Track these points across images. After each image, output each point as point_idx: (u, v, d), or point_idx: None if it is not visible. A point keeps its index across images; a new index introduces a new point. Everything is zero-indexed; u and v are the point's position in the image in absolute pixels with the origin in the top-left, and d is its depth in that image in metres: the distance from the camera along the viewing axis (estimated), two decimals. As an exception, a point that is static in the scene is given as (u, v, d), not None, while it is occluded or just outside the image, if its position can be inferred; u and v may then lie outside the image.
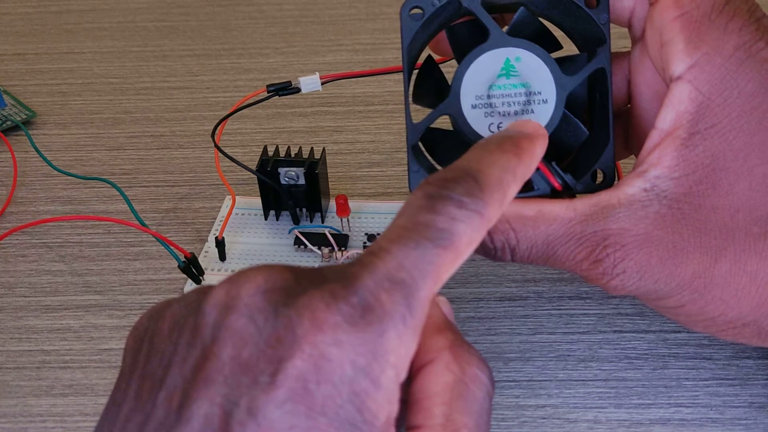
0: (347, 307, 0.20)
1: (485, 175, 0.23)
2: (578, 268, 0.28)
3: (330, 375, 0.19)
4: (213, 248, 0.39)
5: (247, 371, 0.19)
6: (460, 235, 0.21)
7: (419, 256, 0.21)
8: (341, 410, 0.19)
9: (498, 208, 0.23)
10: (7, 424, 0.33)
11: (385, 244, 0.21)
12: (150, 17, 0.60)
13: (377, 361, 0.19)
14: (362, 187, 0.44)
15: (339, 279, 0.20)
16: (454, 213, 0.21)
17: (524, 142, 0.25)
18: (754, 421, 0.32)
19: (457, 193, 0.22)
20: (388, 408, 0.20)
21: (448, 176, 0.22)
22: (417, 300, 0.20)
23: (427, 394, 0.21)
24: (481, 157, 0.24)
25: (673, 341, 0.35)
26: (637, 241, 0.27)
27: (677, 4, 0.27)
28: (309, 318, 0.19)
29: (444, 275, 0.21)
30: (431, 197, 0.22)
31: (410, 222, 0.21)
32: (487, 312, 0.37)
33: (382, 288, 0.20)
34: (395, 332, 0.20)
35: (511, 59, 0.29)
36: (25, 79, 0.53)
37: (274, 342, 0.19)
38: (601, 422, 0.32)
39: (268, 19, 0.59)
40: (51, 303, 0.38)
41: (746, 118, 0.26)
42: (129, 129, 0.49)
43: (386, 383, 0.20)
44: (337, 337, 0.19)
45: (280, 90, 0.38)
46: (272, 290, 0.20)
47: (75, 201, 0.44)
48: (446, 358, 0.22)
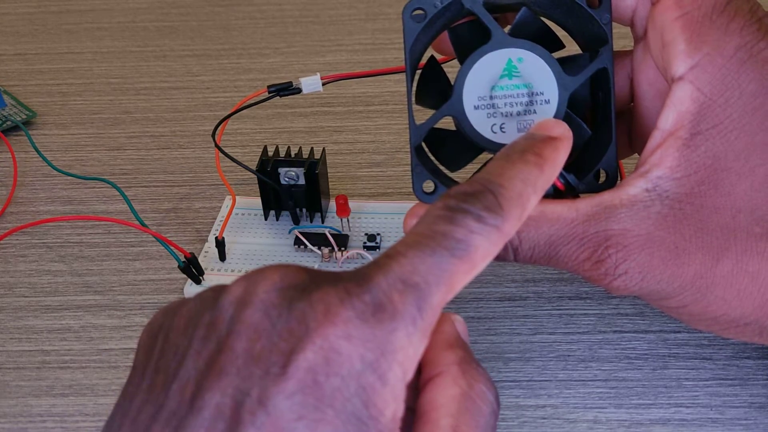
0: (360, 303, 0.20)
1: (506, 189, 0.23)
2: (580, 268, 0.28)
3: (339, 368, 0.19)
4: (213, 248, 0.39)
5: (259, 363, 0.19)
6: (477, 247, 0.22)
7: (434, 263, 0.21)
8: (348, 403, 0.19)
9: (516, 222, 0.23)
10: (7, 424, 0.33)
11: (402, 248, 0.21)
12: (150, 17, 0.60)
13: (385, 358, 0.20)
14: (362, 187, 0.44)
15: (354, 278, 0.21)
16: (473, 226, 0.22)
17: (548, 150, 0.25)
18: (754, 421, 0.32)
19: (477, 207, 0.22)
20: (394, 405, 0.20)
21: (468, 190, 0.23)
22: (428, 304, 0.21)
23: (434, 406, 0.22)
24: (503, 169, 0.24)
25: (673, 341, 0.35)
26: (639, 242, 0.27)
27: (678, 4, 0.27)
28: (322, 311, 0.20)
29: (457, 285, 0.22)
30: (451, 209, 0.22)
31: (428, 230, 0.22)
32: (487, 312, 0.37)
33: (395, 289, 0.20)
34: (405, 332, 0.20)
35: (514, 60, 0.30)
36: (25, 79, 0.53)
37: (287, 335, 0.20)
38: (601, 422, 0.32)
39: (268, 19, 0.59)
40: (51, 303, 0.38)
41: (748, 118, 0.26)
42: (129, 129, 0.49)
43: (393, 380, 0.20)
44: (348, 331, 0.20)
45: (281, 91, 0.38)
46: (288, 287, 0.21)
47: (75, 201, 0.44)
48: (454, 373, 0.22)
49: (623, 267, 0.27)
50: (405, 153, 0.45)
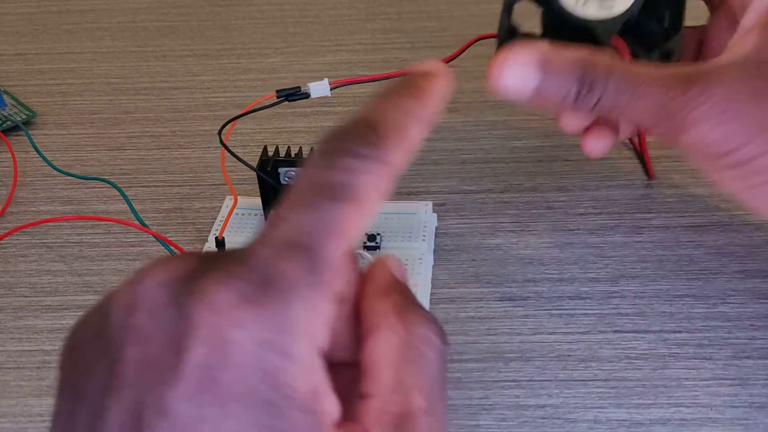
0: (244, 284, 0.19)
1: (383, 121, 0.22)
2: (659, 110, 0.30)
3: (235, 358, 0.18)
4: (213, 248, 0.39)
5: (152, 369, 0.18)
6: (362, 185, 0.20)
7: (318, 216, 0.20)
8: (254, 391, 0.18)
9: (401, 151, 0.22)
10: (7, 424, 0.33)
11: (283, 211, 0.20)
12: (150, 17, 0.60)
13: (285, 334, 0.18)
14: (362, 187, 0.44)
15: (238, 257, 0.19)
16: (353, 165, 0.20)
17: (424, 82, 0.24)
18: (754, 421, 0.32)
19: (354, 144, 0.21)
20: (309, 379, 0.19)
21: (342, 129, 0.22)
22: (322, 261, 0.19)
23: (374, 361, 0.21)
24: (378, 104, 0.23)
25: (673, 341, 0.35)
26: (719, 85, 0.29)
27: None
28: (205, 302, 0.18)
29: (351, 229, 0.20)
30: (327, 153, 0.21)
31: (307, 184, 0.20)
32: (487, 312, 0.37)
33: (280, 257, 0.19)
34: (301, 300, 0.19)
35: None
36: (25, 79, 0.54)
37: (175, 334, 0.18)
38: (601, 422, 0.32)
39: (268, 19, 0.59)
40: (51, 303, 0.38)
41: None
42: (129, 129, 0.49)
43: (300, 354, 0.19)
44: (236, 317, 0.18)
45: (289, 96, 0.38)
46: (174, 281, 0.19)
47: (75, 201, 0.44)
48: (391, 321, 0.21)
49: (704, 98, 0.29)
50: (405, 153, 0.45)
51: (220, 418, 0.18)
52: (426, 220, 0.39)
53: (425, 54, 0.52)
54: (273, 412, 0.18)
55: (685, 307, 0.36)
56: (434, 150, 0.46)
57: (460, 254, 0.39)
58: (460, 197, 0.42)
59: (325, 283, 0.19)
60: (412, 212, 0.40)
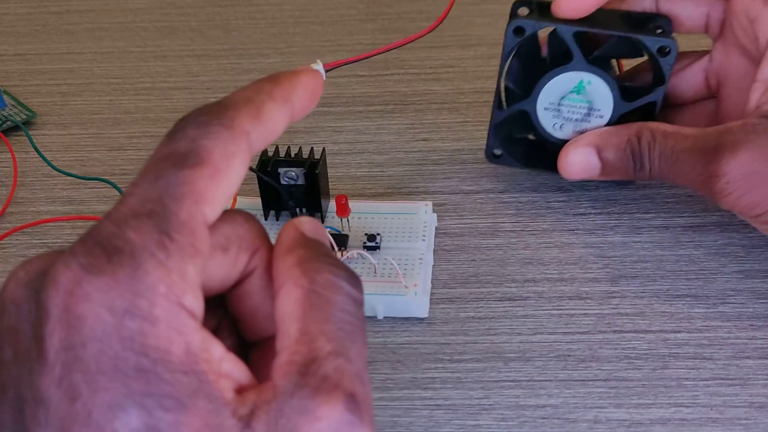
0: (86, 257, 0.19)
1: (233, 97, 0.22)
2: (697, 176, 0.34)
3: (92, 332, 0.18)
4: (213, 248, 0.39)
5: (23, 363, 0.19)
6: (209, 150, 0.20)
7: (165, 184, 0.20)
8: (121, 361, 0.18)
9: (250, 119, 0.22)
10: (8, 424, 0.33)
11: (129, 188, 0.20)
12: (150, 17, 0.60)
13: (140, 297, 0.18)
14: (362, 187, 0.44)
15: (81, 237, 0.20)
16: (194, 134, 0.21)
17: (284, 74, 0.24)
18: (754, 421, 0.32)
19: (196, 115, 0.21)
20: (180, 339, 0.19)
21: (198, 109, 0.22)
22: (175, 223, 0.19)
23: (282, 316, 0.21)
24: (235, 90, 0.23)
25: (673, 341, 0.35)
26: (745, 151, 0.32)
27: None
28: (52, 285, 0.19)
29: (206, 192, 0.20)
30: (171, 131, 0.21)
31: (152, 160, 0.21)
32: (487, 312, 0.37)
33: (127, 227, 0.19)
34: (154, 262, 0.19)
35: (585, 81, 0.38)
36: (25, 80, 0.54)
37: (36, 324, 0.19)
38: (601, 422, 0.32)
39: (268, 20, 0.59)
40: (51, 303, 0.38)
41: None
42: (129, 129, 0.49)
43: (164, 315, 0.18)
44: (82, 291, 0.18)
45: None
46: (32, 278, 0.20)
47: (75, 201, 0.44)
48: (295, 275, 0.21)
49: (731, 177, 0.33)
50: (405, 153, 0.45)
51: (91, 393, 0.18)
52: (426, 220, 0.39)
53: (425, 54, 0.52)
54: (149, 378, 0.18)
55: (685, 307, 0.36)
56: (434, 150, 0.46)
57: (460, 254, 0.39)
58: (459, 197, 0.42)
59: (181, 243, 0.19)
60: (412, 212, 0.40)
